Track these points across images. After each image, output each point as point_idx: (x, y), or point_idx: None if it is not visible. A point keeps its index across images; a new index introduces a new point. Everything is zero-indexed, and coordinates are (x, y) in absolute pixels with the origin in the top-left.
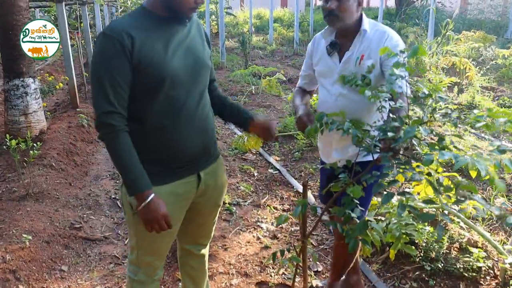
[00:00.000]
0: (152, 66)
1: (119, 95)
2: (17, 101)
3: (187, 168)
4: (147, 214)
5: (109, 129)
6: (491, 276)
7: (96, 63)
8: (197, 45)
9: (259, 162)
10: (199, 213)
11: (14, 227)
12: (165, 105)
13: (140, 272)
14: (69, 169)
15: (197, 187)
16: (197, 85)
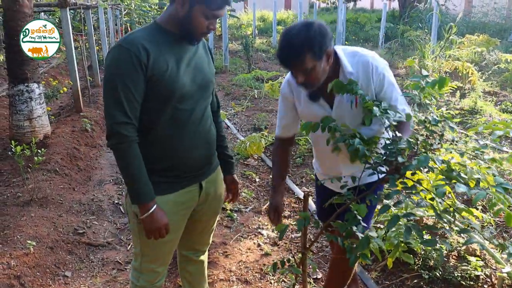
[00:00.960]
0: (165, 80)
1: (133, 107)
2: (21, 106)
3: (190, 178)
4: (150, 224)
5: (122, 139)
6: (488, 285)
7: (112, 74)
8: (204, 63)
9: (261, 167)
10: (198, 221)
11: (18, 233)
12: (173, 117)
13: (141, 278)
14: (72, 174)
15: (198, 196)
16: (202, 100)
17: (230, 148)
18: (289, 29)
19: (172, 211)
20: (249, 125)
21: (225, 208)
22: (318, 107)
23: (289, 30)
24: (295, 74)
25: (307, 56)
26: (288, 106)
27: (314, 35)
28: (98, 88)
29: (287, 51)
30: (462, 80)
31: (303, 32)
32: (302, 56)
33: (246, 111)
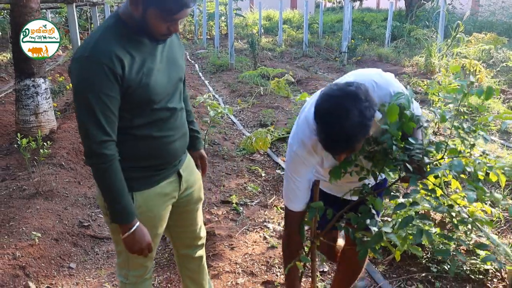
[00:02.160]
0: (141, 87)
1: (111, 122)
2: (27, 101)
3: (170, 169)
4: (132, 244)
5: (103, 159)
6: (498, 279)
7: (84, 91)
8: (175, 53)
9: (267, 162)
10: (186, 211)
11: (24, 225)
12: (152, 118)
13: (130, 275)
14: (78, 168)
15: (179, 186)
16: (176, 93)
17: (196, 122)
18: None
19: (158, 203)
20: (255, 121)
21: (231, 202)
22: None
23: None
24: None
25: (360, 142)
26: (308, 170)
27: (368, 116)
28: None
29: (336, 144)
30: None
31: (356, 118)
32: (356, 144)
33: (252, 107)
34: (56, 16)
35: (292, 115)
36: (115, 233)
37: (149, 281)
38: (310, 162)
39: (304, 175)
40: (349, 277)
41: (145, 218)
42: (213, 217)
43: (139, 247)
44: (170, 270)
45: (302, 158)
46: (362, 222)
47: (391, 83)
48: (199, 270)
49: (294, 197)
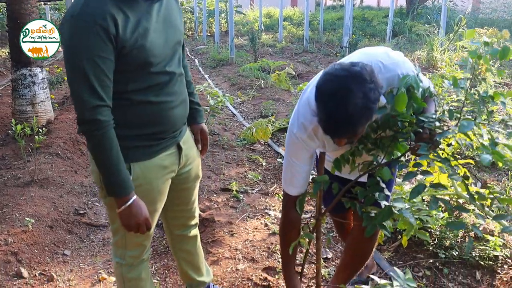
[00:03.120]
0: (137, 48)
1: (105, 86)
2: (24, 90)
3: (169, 139)
4: (128, 219)
5: (97, 125)
6: (508, 265)
7: (76, 53)
8: (173, 15)
9: (268, 152)
10: (183, 189)
11: (17, 211)
12: (149, 83)
13: (127, 255)
14: (75, 157)
15: (179, 159)
16: (176, 57)
17: (197, 94)
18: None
19: (157, 176)
20: (255, 113)
21: (231, 189)
22: None
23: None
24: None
25: (363, 126)
26: (309, 154)
27: (372, 99)
28: None
29: (338, 127)
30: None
31: (360, 99)
32: (358, 128)
33: (252, 100)
34: (55, 13)
35: (293, 106)
36: (111, 209)
37: (146, 262)
38: (310, 146)
39: (303, 160)
40: (357, 263)
41: (143, 191)
42: (212, 204)
43: (136, 222)
44: (168, 257)
45: (302, 142)
46: (370, 197)
47: (399, 64)
48: (195, 251)
49: (292, 181)
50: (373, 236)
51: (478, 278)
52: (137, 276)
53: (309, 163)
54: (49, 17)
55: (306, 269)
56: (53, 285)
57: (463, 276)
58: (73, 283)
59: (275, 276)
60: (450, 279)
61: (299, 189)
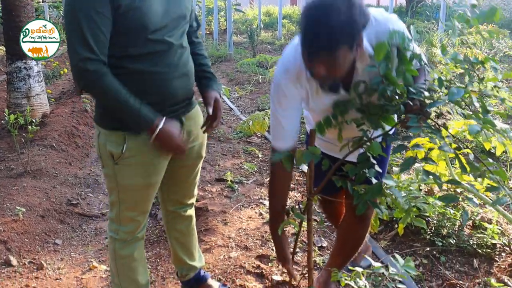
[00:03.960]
0: (133, 10)
1: (99, 41)
2: (19, 83)
3: (169, 113)
4: (165, 142)
5: (92, 75)
6: (506, 253)
7: (73, 7)
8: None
9: (264, 145)
10: (182, 166)
11: (8, 201)
12: (147, 50)
13: (121, 230)
14: (70, 150)
15: None
16: (178, 29)
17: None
18: (325, 5)
19: (151, 149)
20: (252, 107)
21: (226, 179)
22: (336, 96)
23: (324, 4)
24: (316, 66)
25: (343, 47)
26: (295, 103)
27: (357, 21)
28: None
29: (317, 38)
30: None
31: (344, 14)
32: (338, 48)
33: (249, 94)
34: (54, 11)
35: None
36: (109, 179)
37: (140, 242)
38: (293, 94)
39: (288, 108)
40: (349, 249)
41: (137, 163)
42: (206, 193)
43: (173, 143)
44: (160, 246)
45: (285, 88)
46: (361, 174)
47: (391, 21)
48: (188, 232)
49: (279, 133)
50: (365, 220)
51: (475, 266)
52: (129, 253)
53: (294, 113)
54: (48, 15)
55: (300, 257)
56: (42, 273)
57: (461, 264)
58: (63, 271)
59: (268, 264)
60: (447, 267)
61: (286, 141)
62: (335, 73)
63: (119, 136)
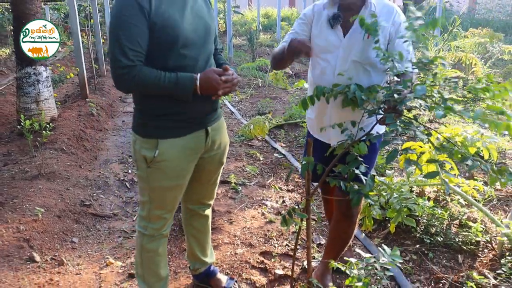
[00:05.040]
0: (167, 26)
1: (136, 49)
2: (29, 88)
3: (197, 123)
4: (207, 87)
5: (131, 81)
6: (489, 249)
7: (115, 20)
8: (204, 11)
9: (265, 148)
10: (205, 170)
11: (27, 202)
12: (178, 63)
13: (150, 227)
14: (79, 153)
15: (205, 142)
16: (205, 46)
17: None
18: None
19: (181, 155)
20: (253, 111)
21: (230, 182)
22: (333, 33)
23: None
24: None
25: None
26: (304, 26)
27: None
28: (104, 78)
29: None
30: (465, 71)
31: None
32: None
33: (250, 98)
34: (54, 13)
35: (290, 104)
36: (142, 181)
37: (165, 239)
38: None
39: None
40: (339, 244)
41: (167, 167)
42: None
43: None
44: (171, 244)
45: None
46: (351, 172)
47: (396, 9)
48: (204, 230)
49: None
50: (351, 218)
51: (460, 261)
52: (155, 248)
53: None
54: (49, 17)
55: (300, 253)
56: (63, 269)
57: (447, 259)
58: (82, 267)
59: (271, 259)
60: (435, 262)
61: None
62: None
63: (152, 142)
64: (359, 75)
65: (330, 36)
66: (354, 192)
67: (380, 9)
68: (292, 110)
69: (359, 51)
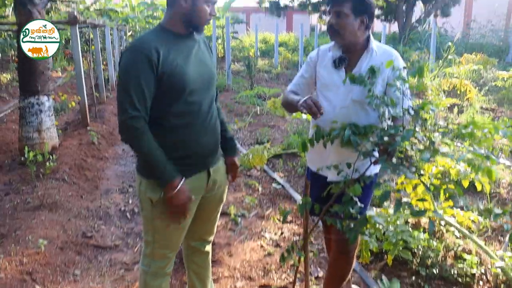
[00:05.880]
0: (174, 76)
1: (143, 101)
2: (31, 118)
3: (199, 165)
4: (177, 200)
5: (134, 132)
6: (484, 281)
7: (125, 73)
8: (207, 59)
9: (264, 178)
10: (205, 209)
11: (30, 234)
12: (184, 109)
13: (153, 265)
14: (80, 183)
15: (206, 183)
16: (209, 91)
17: (230, 131)
18: None
19: None
20: (251, 140)
21: (229, 213)
22: (336, 73)
23: None
24: (332, 13)
25: (348, 3)
26: (309, 68)
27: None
28: (104, 105)
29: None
30: (460, 97)
31: None
32: (345, 0)
33: (248, 126)
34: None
35: (289, 133)
36: (146, 222)
37: (168, 276)
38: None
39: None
40: (337, 281)
41: None
42: None
43: (182, 202)
44: (172, 276)
45: (309, 58)
46: (347, 211)
47: (396, 54)
48: (205, 265)
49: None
50: (348, 253)
51: None
52: (158, 285)
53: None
54: None
55: (298, 286)
56: None
57: None
58: None
59: None
60: None
61: (294, 86)
62: (339, 26)
63: (158, 184)
64: (358, 113)
65: (333, 75)
66: (350, 230)
67: (380, 53)
68: (290, 139)
69: (359, 91)
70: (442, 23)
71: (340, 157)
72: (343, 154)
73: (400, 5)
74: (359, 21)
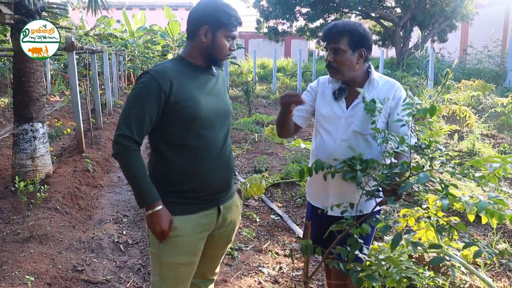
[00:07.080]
0: (187, 107)
1: (140, 127)
2: (25, 145)
3: (210, 201)
4: (152, 224)
5: (123, 148)
6: None
7: (134, 94)
8: (223, 94)
9: (261, 208)
10: (212, 247)
11: (17, 269)
12: (195, 142)
13: None
14: (73, 212)
15: (216, 220)
16: (223, 127)
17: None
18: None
19: (193, 231)
20: (249, 167)
21: None
22: (337, 104)
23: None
24: (329, 50)
25: (344, 38)
26: (311, 96)
27: (360, 31)
28: (101, 131)
29: (332, 26)
30: (459, 123)
31: (354, 24)
32: (341, 36)
33: (246, 154)
34: (54, 63)
35: (287, 161)
36: (156, 259)
37: None
38: (312, 91)
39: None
40: None
41: (180, 241)
42: None
43: (160, 227)
44: None
45: (309, 87)
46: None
47: (398, 85)
48: None
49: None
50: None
51: None
52: None
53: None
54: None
55: None
56: None
57: None
58: None
59: None
60: None
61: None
62: (337, 62)
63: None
64: (359, 145)
65: (333, 107)
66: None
67: (382, 84)
68: (288, 167)
69: (360, 122)
70: (439, 48)
71: (341, 190)
72: (344, 187)
73: (397, 30)
74: (357, 55)
